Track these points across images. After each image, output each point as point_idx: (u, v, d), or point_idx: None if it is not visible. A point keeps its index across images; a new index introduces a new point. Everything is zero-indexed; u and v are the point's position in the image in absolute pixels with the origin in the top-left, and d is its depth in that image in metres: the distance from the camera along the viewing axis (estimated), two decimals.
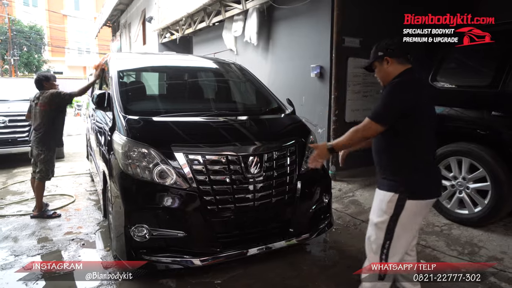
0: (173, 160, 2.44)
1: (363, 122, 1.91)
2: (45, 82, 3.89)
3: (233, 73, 4.16)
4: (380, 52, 2.00)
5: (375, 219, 1.96)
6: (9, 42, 26.02)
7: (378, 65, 2.02)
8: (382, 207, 1.92)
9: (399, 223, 1.89)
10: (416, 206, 1.90)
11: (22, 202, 4.46)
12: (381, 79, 2.06)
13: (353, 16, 4.94)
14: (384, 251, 1.93)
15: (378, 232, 1.95)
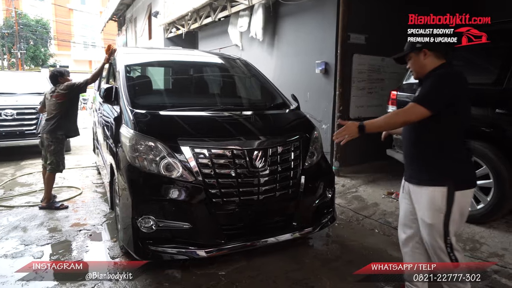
0: (179, 154, 2.49)
1: (406, 106, 1.89)
2: (60, 78, 4.05)
3: (238, 69, 4.19)
4: (419, 43, 2.01)
5: (429, 220, 1.93)
6: (16, 35, 26.19)
7: (414, 56, 2.02)
8: (434, 205, 1.90)
9: (452, 216, 1.90)
10: (464, 196, 1.92)
11: (30, 194, 4.54)
12: (415, 70, 2.05)
13: (359, 12, 4.95)
14: (448, 246, 1.93)
15: (436, 231, 1.93)
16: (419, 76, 2.06)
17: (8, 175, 5.41)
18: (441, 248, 1.95)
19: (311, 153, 2.97)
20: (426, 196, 1.93)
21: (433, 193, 1.91)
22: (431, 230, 1.94)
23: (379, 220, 3.70)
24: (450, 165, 1.92)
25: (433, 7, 4.20)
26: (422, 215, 1.98)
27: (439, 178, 1.91)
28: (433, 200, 1.91)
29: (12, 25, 26.74)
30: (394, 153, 4.31)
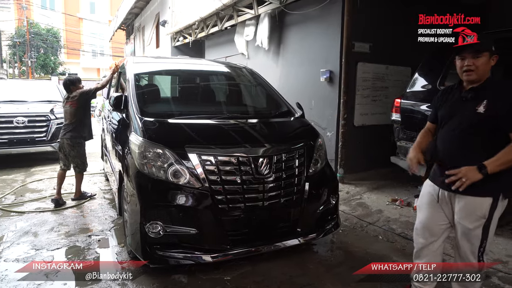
0: (186, 161, 2.56)
1: None
2: (72, 86, 4.44)
3: (244, 77, 4.28)
4: (494, 47, 1.94)
5: (470, 225, 1.95)
6: (27, 44, 26.74)
7: (488, 56, 1.92)
8: (479, 213, 1.92)
9: (492, 222, 1.94)
10: (504, 204, 1.96)
11: (41, 200, 4.64)
12: (479, 72, 1.93)
13: (363, 22, 5.03)
14: (481, 249, 1.98)
15: (475, 236, 1.96)
16: (476, 79, 1.95)
17: (18, 181, 5.53)
18: (473, 252, 1.99)
19: (315, 160, 3.02)
20: (472, 205, 1.94)
21: (480, 202, 1.92)
22: (471, 235, 1.97)
23: (383, 227, 3.73)
24: (497, 175, 1.88)
25: (437, 13, 4.27)
26: (463, 221, 1.98)
27: (489, 189, 1.90)
28: (479, 209, 1.92)
29: (23, 34, 27.33)
30: (398, 160, 4.34)
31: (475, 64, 1.92)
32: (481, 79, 1.95)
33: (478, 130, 1.93)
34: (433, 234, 2.15)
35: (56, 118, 6.76)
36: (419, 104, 4.05)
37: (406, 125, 4.16)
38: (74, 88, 4.42)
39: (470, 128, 1.95)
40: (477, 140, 1.93)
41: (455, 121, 2.02)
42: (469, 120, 1.95)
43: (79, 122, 4.36)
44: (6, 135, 6.33)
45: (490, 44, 1.94)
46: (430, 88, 4.05)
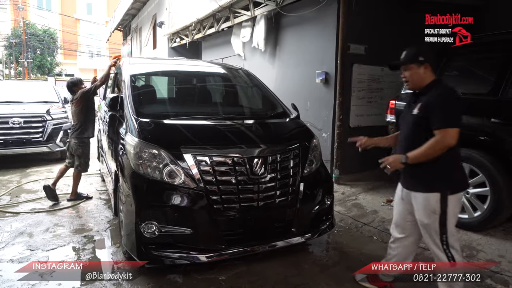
0: (182, 161, 2.58)
1: (439, 134, 2.00)
2: (74, 87, 4.62)
3: (240, 78, 4.30)
4: (421, 57, 2.13)
5: (425, 220, 2.13)
6: (23, 45, 26.63)
7: (415, 68, 2.14)
8: (430, 208, 2.09)
9: (448, 217, 2.07)
10: (456, 199, 2.11)
11: (36, 200, 4.63)
12: (413, 82, 2.18)
13: (358, 23, 5.06)
14: (443, 243, 2.11)
15: (432, 230, 2.12)
16: (415, 88, 2.21)
17: (14, 182, 5.52)
18: (437, 245, 2.13)
19: (310, 161, 3.04)
20: (422, 201, 2.13)
21: (427, 198, 2.10)
22: (429, 229, 2.14)
23: (378, 227, 3.75)
24: (444, 172, 2.09)
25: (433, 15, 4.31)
26: (419, 216, 2.18)
27: (433, 185, 2.10)
28: (428, 204, 2.10)
29: (20, 34, 27.22)
30: None
31: (406, 75, 2.19)
32: (419, 86, 2.17)
33: (415, 131, 2.15)
34: (404, 230, 2.38)
35: (52, 119, 6.76)
36: None
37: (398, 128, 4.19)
38: (77, 89, 4.59)
39: (410, 129, 2.20)
40: (416, 140, 2.10)
41: (403, 123, 2.28)
42: (409, 122, 2.19)
43: (84, 121, 4.50)
44: (1, 136, 6.31)
45: (413, 57, 2.14)
46: None
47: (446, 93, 2.09)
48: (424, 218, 2.14)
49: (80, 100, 4.47)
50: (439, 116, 2.02)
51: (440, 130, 2.01)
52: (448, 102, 2.05)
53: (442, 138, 2.00)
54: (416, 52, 2.16)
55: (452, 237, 2.12)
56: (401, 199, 2.35)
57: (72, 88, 4.62)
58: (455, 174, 2.14)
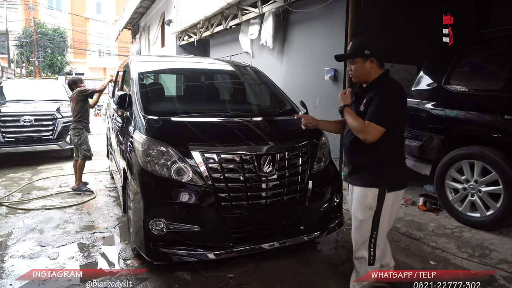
0: (190, 158, 2.57)
1: (366, 124, 1.98)
2: (74, 85, 5.09)
3: (248, 76, 4.28)
4: (367, 50, 2.05)
5: (360, 215, 2.12)
6: (34, 44, 26.98)
7: (360, 62, 2.08)
8: (366, 203, 2.07)
9: (382, 215, 2.06)
10: (395, 197, 2.10)
11: (47, 197, 4.69)
12: (358, 76, 2.13)
13: (368, 20, 4.99)
14: (372, 241, 2.10)
15: (365, 226, 2.11)
16: (360, 82, 2.17)
17: (25, 179, 5.59)
18: (364, 242, 2.13)
19: (319, 158, 3.01)
20: (360, 195, 2.11)
21: (365, 192, 2.08)
22: (361, 225, 2.13)
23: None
24: (384, 169, 2.07)
25: (439, 13, 4.25)
26: (355, 211, 2.16)
27: (372, 181, 2.07)
28: (365, 199, 2.08)
29: (30, 34, 27.58)
30: None
31: (352, 68, 2.14)
32: (365, 80, 2.12)
33: None
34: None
35: (62, 116, 6.83)
36: (424, 102, 4.03)
37: (411, 124, 4.13)
38: (76, 87, 5.05)
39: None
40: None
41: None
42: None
43: (79, 115, 4.88)
44: (13, 134, 6.41)
45: (358, 50, 2.08)
46: (435, 86, 4.02)
47: (388, 90, 2.03)
48: (359, 214, 2.12)
49: (76, 97, 4.88)
50: (372, 109, 2.00)
51: (368, 122, 1.98)
52: (385, 100, 2.00)
53: (364, 129, 1.99)
54: (362, 45, 2.09)
55: (381, 237, 2.12)
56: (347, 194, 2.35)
57: (72, 86, 5.10)
58: (395, 172, 2.12)
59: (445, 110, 3.77)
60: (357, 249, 2.20)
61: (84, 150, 4.87)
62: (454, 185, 3.64)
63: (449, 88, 3.81)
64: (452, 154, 3.59)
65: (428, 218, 3.78)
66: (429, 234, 3.45)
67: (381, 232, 2.11)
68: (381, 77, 2.09)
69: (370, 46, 2.07)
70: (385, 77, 2.11)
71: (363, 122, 2.01)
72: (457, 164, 3.57)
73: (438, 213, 3.87)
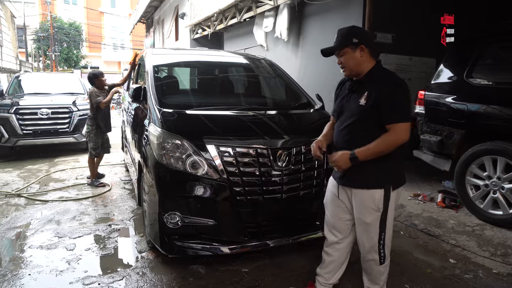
0: (205, 152, 2.54)
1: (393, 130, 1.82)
2: (95, 79, 4.83)
3: (263, 69, 4.22)
4: (355, 38, 1.90)
5: (367, 219, 1.97)
6: (51, 38, 27.41)
7: (350, 52, 1.91)
8: (372, 205, 1.93)
9: (388, 214, 1.97)
10: (397, 194, 2.02)
11: (63, 189, 4.76)
12: (349, 67, 1.94)
13: (385, 11, 4.87)
14: (381, 243, 2.01)
15: (373, 229, 1.98)
16: (352, 74, 1.97)
17: (43, 171, 5.69)
18: (374, 245, 2.02)
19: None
20: (365, 198, 1.95)
21: (372, 194, 1.93)
22: (369, 228, 1.99)
23: (404, 222, 3.63)
24: (387, 167, 1.94)
25: (459, 4, 4.10)
26: (361, 215, 2.00)
27: (378, 181, 1.93)
28: (372, 202, 1.94)
29: (47, 28, 28.02)
30: (421, 154, 4.20)
31: (342, 61, 1.95)
32: (359, 72, 1.94)
33: (362, 122, 1.92)
34: (341, 231, 2.18)
35: (78, 110, 6.92)
36: (445, 96, 3.90)
37: (430, 118, 4.02)
38: (97, 81, 4.81)
39: (355, 121, 1.94)
40: (362, 133, 1.92)
41: (344, 114, 2.03)
42: (354, 112, 1.95)
43: (93, 112, 4.77)
44: (31, 126, 6.53)
45: (346, 39, 1.91)
46: (456, 79, 3.88)
47: (396, 83, 1.88)
48: (367, 217, 1.97)
49: (89, 98, 4.78)
50: (392, 109, 1.83)
51: (396, 125, 1.82)
52: (400, 94, 1.86)
53: (396, 134, 1.81)
54: (348, 33, 1.92)
55: (388, 236, 2.03)
56: (336, 198, 2.12)
57: (93, 79, 4.82)
58: (398, 169, 2.02)
59: (467, 104, 3.64)
60: (366, 253, 2.08)
61: (90, 147, 4.85)
62: (475, 182, 3.52)
63: (472, 81, 3.68)
64: (474, 150, 3.47)
65: (447, 215, 3.68)
66: (449, 232, 3.36)
67: (388, 231, 2.02)
68: (377, 68, 1.94)
69: (357, 33, 1.92)
70: (382, 68, 1.96)
71: (388, 136, 1.83)
72: (479, 160, 3.45)
73: (457, 210, 3.77)
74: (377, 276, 2.13)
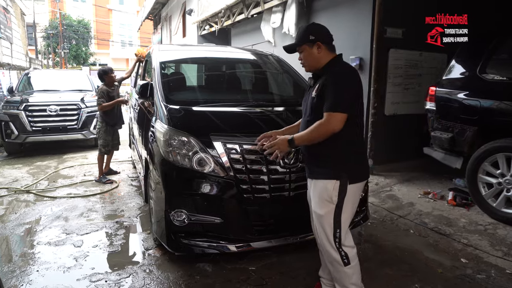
0: (211, 149, 2.51)
1: (325, 117, 1.86)
2: (104, 76, 4.86)
3: (270, 65, 4.17)
4: (312, 36, 1.98)
5: (321, 210, 1.97)
6: (60, 36, 27.63)
7: (308, 48, 2.00)
8: (326, 196, 1.94)
9: (344, 209, 1.95)
10: (357, 189, 2.00)
11: (72, 186, 4.79)
12: (308, 63, 2.04)
13: (396, 6, 4.77)
14: (336, 239, 1.97)
15: (326, 222, 1.97)
16: (311, 70, 2.06)
17: (51, 168, 5.74)
18: (330, 241, 1.98)
19: None
20: (319, 189, 1.98)
21: (325, 185, 1.94)
22: (323, 221, 1.98)
23: (414, 221, 3.57)
24: (344, 159, 1.95)
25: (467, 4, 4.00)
26: (315, 207, 2.02)
27: (332, 173, 1.94)
28: (325, 192, 1.94)
29: (56, 26, 28.25)
30: (431, 151, 4.13)
31: (302, 57, 2.06)
32: (316, 66, 2.02)
33: (315, 114, 1.96)
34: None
35: (87, 106, 6.96)
36: (456, 92, 3.81)
37: (442, 115, 3.93)
38: (107, 78, 4.85)
39: (310, 113, 2.01)
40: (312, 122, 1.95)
41: (304, 108, 2.11)
42: (309, 105, 2.02)
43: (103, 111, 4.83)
44: (40, 123, 6.58)
45: (303, 37, 1.99)
46: (469, 75, 3.79)
47: (340, 73, 1.93)
48: (320, 208, 1.98)
49: (96, 95, 4.87)
50: (329, 98, 1.87)
51: (329, 114, 1.85)
52: (340, 84, 1.89)
53: (326, 122, 1.86)
54: (306, 32, 2.01)
55: (344, 234, 1.98)
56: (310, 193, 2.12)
57: (102, 76, 4.86)
58: (358, 162, 2.01)
59: (480, 100, 3.55)
60: (325, 252, 2.04)
61: (100, 144, 4.91)
62: (488, 180, 3.44)
63: (485, 77, 3.59)
64: (486, 147, 3.39)
65: (458, 214, 3.61)
66: (460, 230, 3.29)
67: (343, 228, 1.98)
68: (332, 61, 2.00)
69: (313, 31, 2.01)
70: (337, 61, 2.01)
71: (318, 123, 1.89)
72: (491, 157, 3.37)
73: (469, 208, 3.69)
74: (345, 279, 2.03)
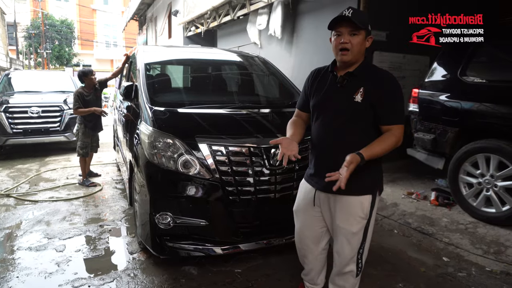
0: (197, 151, 2.50)
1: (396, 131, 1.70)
2: (84, 77, 4.76)
3: (256, 66, 4.18)
4: (369, 26, 1.75)
5: (353, 228, 1.80)
6: (42, 36, 27.05)
7: (362, 36, 1.72)
8: (361, 213, 1.78)
9: (371, 222, 1.84)
10: (379, 201, 1.89)
11: (54, 189, 4.68)
12: (355, 51, 1.72)
13: (380, 9, 4.85)
14: (360, 252, 1.87)
15: (356, 238, 1.83)
16: (352, 60, 1.74)
17: (33, 171, 5.60)
18: (353, 256, 1.87)
19: None
20: (352, 206, 1.79)
21: (361, 201, 1.78)
22: (353, 238, 1.83)
23: (398, 221, 3.63)
24: (377, 171, 1.83)
25: (453, 3, 4.10)
26: (346, 225, 1.81)
27: (368, 187, 1.79)
28: (360, 209, 1.79)
29: (38, 25, 27.64)
30: (415, 152, 4.20)
31: (352, 42, 1.70)
32: (356, 61, 1.76)
33: (357, 120, 1.75)
34: (314, 240, 2.02)
35: (69, 108, 6.81)
36: (438, 94, 3.90)
37: (424, 116, 4.01)
38: (87, 80, 4.73)
39: (348, 118, 1.76)
40: (356, 132, 1.76)
41: (330, 111, 1.81)
42: (347, 109, 1.75)
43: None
44: (21, 125, 6.42)
45: (367, 21, 1.72)
46: (450, 77, 3.88)
47: (397, 83, 1.75)
48: (353, 226, 1.79)
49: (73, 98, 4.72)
50: (394, 110, 1.72)
51: (395, 127, 1.70)
52: (400, 95, 1.76)
53: (399, 135, 1.69)
54: (367, 18, 1.73)
55: (367, 245, 1.89)
56: (312, 206, 1.93)
57: (82, 77, 4.77)
58: (379, 172, 1.88)
59: (461, 102, 3.64)
60: (344, 265, 1.90)
61: (78, 146, 4.80)
62: (468, 180, 3.52)
63: (465, 79, 3.67)
64: (467, 148, 3.47)
65: (440, 213, 3.68)
66: (442, 230, 3.36)
67: (368, 240, 1.87)
68: (368, 63, 1.80)
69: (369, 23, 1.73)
70: (372, 65, 1.86)
71: (392, 137, 1.69)
72: (472, 158, 3.45)
73: (451, 208, 3.77)
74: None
